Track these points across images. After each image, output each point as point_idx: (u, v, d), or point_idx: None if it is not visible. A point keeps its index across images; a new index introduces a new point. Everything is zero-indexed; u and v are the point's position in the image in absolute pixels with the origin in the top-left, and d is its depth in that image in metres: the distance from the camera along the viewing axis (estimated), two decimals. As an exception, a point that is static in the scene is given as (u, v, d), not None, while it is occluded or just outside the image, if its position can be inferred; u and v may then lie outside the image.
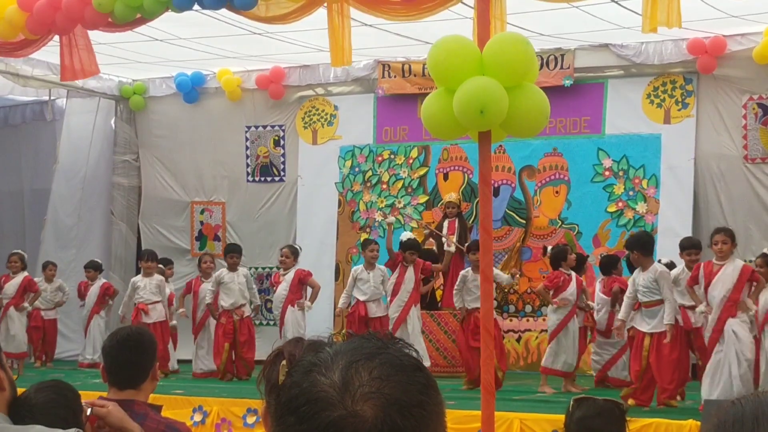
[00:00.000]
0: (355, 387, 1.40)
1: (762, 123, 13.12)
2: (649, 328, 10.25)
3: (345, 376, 1.40)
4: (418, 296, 12.46)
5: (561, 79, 13.85)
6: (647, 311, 10.29)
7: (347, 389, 1.39)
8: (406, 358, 1.45)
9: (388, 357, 1.44)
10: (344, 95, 15.55)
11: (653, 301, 10.21)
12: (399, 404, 1.40)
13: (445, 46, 5.82)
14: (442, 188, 14.72)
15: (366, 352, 1.44)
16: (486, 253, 5.90)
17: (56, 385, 3.60)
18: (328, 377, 1.41)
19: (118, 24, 10.74)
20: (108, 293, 15.00)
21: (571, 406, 4.15)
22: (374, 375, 1.41)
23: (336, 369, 1.42)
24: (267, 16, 10.54)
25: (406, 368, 1.43)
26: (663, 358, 10.18)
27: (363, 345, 1.46)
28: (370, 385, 1.40)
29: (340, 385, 1.40)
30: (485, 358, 5.87)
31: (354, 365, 1.42)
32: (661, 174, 13.62)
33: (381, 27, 12.25)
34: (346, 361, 1.42)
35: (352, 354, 1.44)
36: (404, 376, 1.42)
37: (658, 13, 9.31)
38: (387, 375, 1.41)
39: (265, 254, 15.61)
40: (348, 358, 1.43)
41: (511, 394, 10.73)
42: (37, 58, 13.91)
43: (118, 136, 16.98)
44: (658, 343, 10.21)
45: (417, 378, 1.44)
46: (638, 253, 10.39)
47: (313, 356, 1.47)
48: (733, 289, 9.65)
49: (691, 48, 13.26)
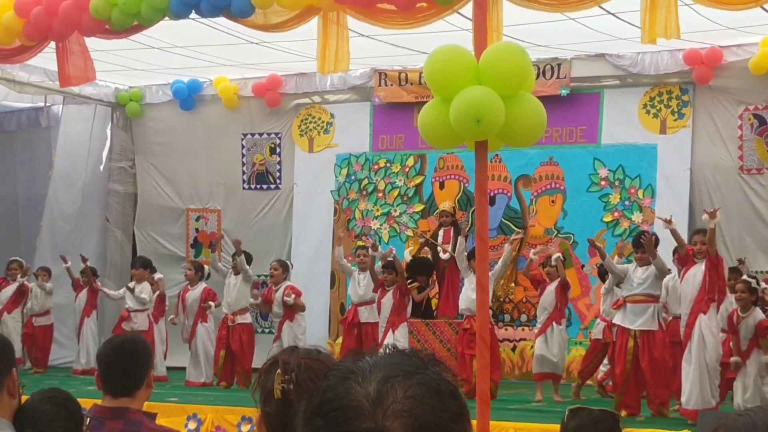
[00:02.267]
0: (388, 402, 1.39)
1: (758, 134, 13.14)
2: (636, 326, 10.11)
3: (380, 390, 1.40)
4: (397, 320, 12.34)
5: (557, 88, 13.87)
6: (634, 308, 10.13)
7: (380, 403, 1.39)
8: (444, 383, 1.45)
9: (426, 378, 1.43)
10: (340, 103, 15.55)
11: (643, 297, 10.11)
12: (427, 428, 1.39)
13: (441, 56, 5.83)
14: (438, 197, 14.73)
15: (405, 369, 1.44)
16: (482, 261, 5.90)
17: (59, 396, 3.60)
18: (363, 387, 1.41)
19: (115, 31, 10.74)
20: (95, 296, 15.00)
21: (566, 416, 4.15)
22: (409, 394, 1.40)
23: (372, 381, 1.42)
24: (264, 24, 10.55)
25: (441, 393, 1.43)
26: (655, 360, 10.08)
27: (403, 361, 1.45)
28: (403, 403, 1.39)
29: (374, 398, 1.40)
30: (481, 367, 5.86)
31: (391, 380, 1.41)
32: (657, 184, 13.64)
33: (377, 38, 12.26)
34: (384, 375, 1.42)
35: (391, 369, 1.43)
36: (438, 401, 1.42)
37: (656, 25, 9.33)
38: (421, 396, 1.41)
39: (261, 262, 15.57)
40: (386, 372, 1.43)
41: (506, 404, 10.72)
42: (34, 64, 13.91)
43: (114, 143, 16.97)
44: (648, 344, 10.10)
45: (450, 405, 1.43)
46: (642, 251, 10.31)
47: (352, 363, 1.47)
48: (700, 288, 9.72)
49: (688, 58, 13.29)
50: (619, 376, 10.13)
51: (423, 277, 13.51)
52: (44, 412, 3.41)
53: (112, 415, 3.97)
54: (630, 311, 10.16)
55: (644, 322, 10.08)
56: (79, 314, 14.98)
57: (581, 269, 13.84)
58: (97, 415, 3.92)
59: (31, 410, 3.32)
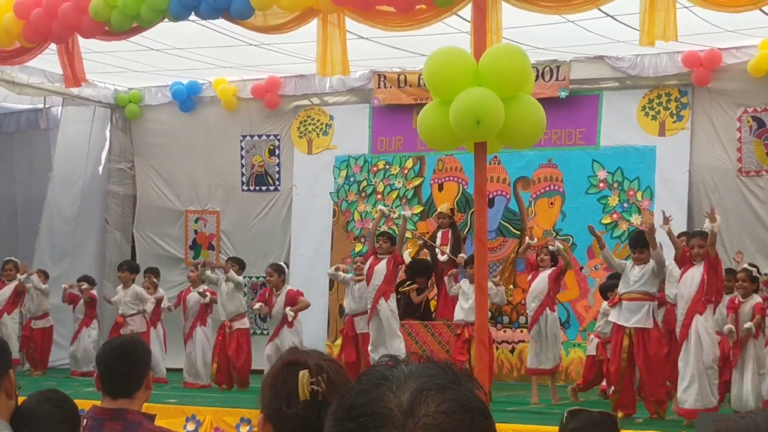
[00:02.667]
0: (419, 414, 1.39)
1: (756, 136, 13.14)
2: (631, 323, 10.08)
3: (413, 401, 1.40)
4: (388, 289, 12.25)
5: (556, 90, 13.87)
6: (630, 305, 10.09)
7: (412, 414, 1.39)
8: (476, 401, 1.45)
9: (459, 395, 1.43)
10: (340, 105, 15.56)
11: (639, 294, 10.11)
12: None
13: (441, 57, 5.84)
14: (436, 199, 14.73)
15: (439, 382, 1.43)
16: (481, 264, 5.91)
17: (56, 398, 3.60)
18: (396, 396, 1.41)
19: (115, 33, 10.75)
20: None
21: (565, 418, 4.15)
22: (441, 409, 1.40)
23: (406, 390, 1.41)
24: (263, 26, 10.56)
25: (473, 410, 1.43)
26: (650, 358, 10.06)
27: (438, 374, 1.45)
28: (434, 417, 1.39)
29: (406, 408, 1.39)
30: (479, 369, 5.87)
31: (424, 393, 1.41)
32: (656, 186, 13.65)
33: (376, 40, 12.27)
34: (417, 387, 1.42)
35: (425, 381, 1.43)
36: (468, 418, 1.42)
37: (655, 27, 9.34)
38: (453, 412, 1.41)
39: (260, 264, 15.57)
40: (420, 384, 1.42)
41: (504, 405, 10.72)
42: (33, 66, 13.92)
43: (113, 145, 16.96)
44: (644, 341, 10.10)
45: (480, 424, 1.43)
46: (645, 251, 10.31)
47: (387, 370, 1.46)
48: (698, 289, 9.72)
49: (687, 61, 13.30)
50: (614, 374, 10.12)
51: (422, 279, 13.52)
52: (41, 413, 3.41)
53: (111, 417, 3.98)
54: (625, 309, 10.14)
55: (639, 319, 10.06)
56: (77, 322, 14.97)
57: (580, 271, 13.84)
58: (96, 417, 3.92)
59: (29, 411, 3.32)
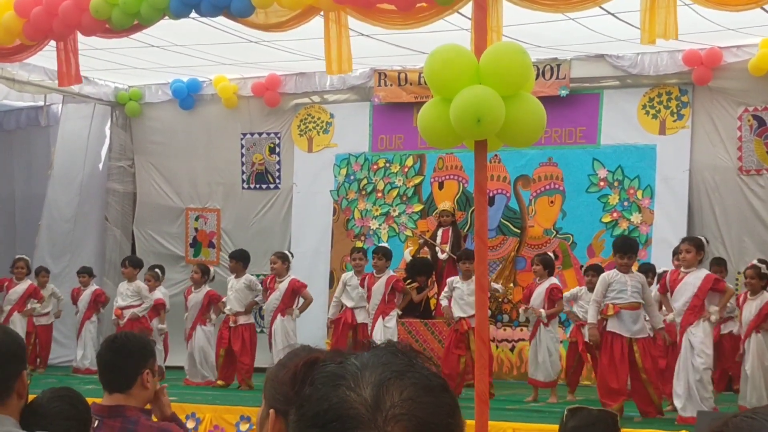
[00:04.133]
0: (386, 407, 1.39)
1: (757, 135, 13.14)
2: (632, 333, 10.07)
3: (376, 395, 1.39)
4: (386, 309, 12.31)
5: (557, 89, 13.87)
6: (630, 314, 10.06)
7: (378, 409, 1.38)
8: (434, 378, 1.45)
9: (418, 377, 1.43)
10: (340, 103, 15.55)
11: (637, 303, 10.13)
12: (428, 427, 1.40)
13: (442, 55, 5.84)
14: (437, 197, 14.73)
15: (395, 369, 1.43)
16: (481, 262, 5.91)
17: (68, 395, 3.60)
18: (358, 394, 1.40)
19: (115, 30, 10.75)
20: (100, 300, 14.99)
21: (565, 416, 4.16)
22: (405, 396, 1.40)
23: (366, 386, 1.40)
24: (264, 24, 10.55)
25: (434, 389, 1.43)
26: (656, 366, 10.15)
27: (391, 361, 1.44)
28: (401, 406, 1.39)
29: (372, 404, 1.39)
30: (479, 367, 5.87)
31: (385, 384, 1.40)
32: (656, 185, 13.65)
33: (377, 37, 12.27)
34: (376, 379, 1.41)
35: (381, 370, 1.42)
36: (433, 398, 1.42)
37: (656, 25, 9.34)
38: (417, 396, 1.41)
39: (260, 261, 15.56)
40: (378, 375, 1.42)
41: (504, 404, 10.72)
42: (34, 63, 13.91)
43: (113, 142, 16.96)
44: (650, 350, 10.14)
45: (445, 400, 1.44)
46: (634, 257, 10.34)
47: (338, 367, 1.45)
48: (693, 297, 9.67)
49: (687, 59, 13.29)
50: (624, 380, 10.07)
51: (422, 277, 13.52)
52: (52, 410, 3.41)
53: (110, 414, 3.98)
54: (627, 318, 10.10)
55: (642, 329, 10.10)
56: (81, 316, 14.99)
57: (580, 269, 13.82)
58: (96, 414, 3.92)
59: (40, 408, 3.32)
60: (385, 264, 12.53)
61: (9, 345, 2.84)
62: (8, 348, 2.81)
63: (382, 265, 12.50)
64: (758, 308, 10.25)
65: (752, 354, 10.20)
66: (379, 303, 12.25)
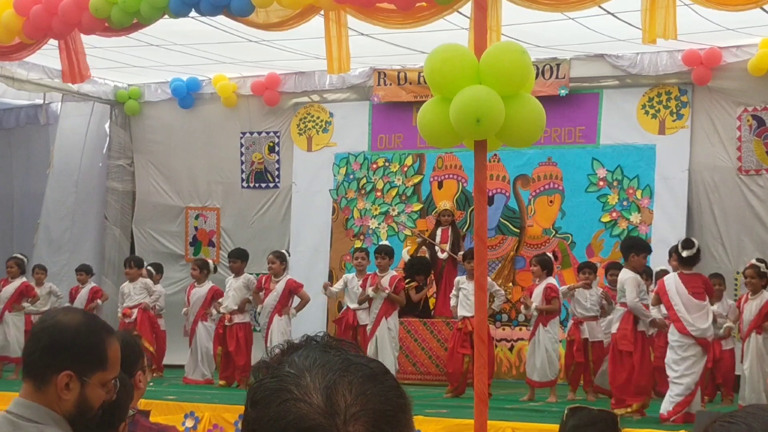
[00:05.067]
0: (342, 409, 1.37)
1: (756, 135, 13.15)
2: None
3: (328, 399, 1.38)
4: (389, 309, 12.29)
5: (556, 88, 13.87)
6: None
7: (335, 412, 1.37)
8: (373, 364, 1.44)
9: (359, 368, 1.42)
10: (339, 102, 15.55)
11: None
12: (386, 415, 1.40)
13: (442, 55, 5.83)
14: (436, 196, 14.73)
15: (336, 367, 1.41)
16: (480, 262, 5.90)
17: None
18: (309, 403, 1.37)
19: (115, 29, 10.75)
20: (96, 296, 14.93)
21: (565, 415, 4.15)
22: (355, 393, 1.39)
23: (313, 392, 1.38)
24: (264, 23, 10.56)
25: (378, 376, 1.43)
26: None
27: (327, 360, 1.42)
28: (355, 404, 1.38)
29: (327, 410, 1.37)
30: (479, 366, 5.87)
31: (331, 387, 1.38)
32: (655, 184, 13.65)
33: (377, 37, 12.27)
34: (322, 382, 1.39)
35: (323, 373, 1.40)
36: (380, 385, 1.42)
37: (656, 25, 9.34)
38: (366, 389, 1.40)
39: (259, 260, 15.56)
40: (321, 378, 1.39)
41: (503, 403, 10.72)
42: (33, 61, 13.91)
43: (112, 141, 16.95)
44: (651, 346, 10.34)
45: (390, 383, 1.43)
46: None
47: (276, 381, 1.40)
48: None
49: (687, 59, 13.29)
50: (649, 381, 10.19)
51: (421, 276, 13.51)
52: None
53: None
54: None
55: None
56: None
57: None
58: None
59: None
60: (388, 263, 12.54)
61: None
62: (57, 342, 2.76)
63: (386, 264, 12.50)
64: (758, 308, 10.27)
65: (751, 354, 10.23)
66: (382, 303, 12.25)
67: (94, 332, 2.79)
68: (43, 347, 2.73)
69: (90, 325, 2.82)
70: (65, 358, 2.71)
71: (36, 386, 2.71)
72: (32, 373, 2.74)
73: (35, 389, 2.71)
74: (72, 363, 2.71)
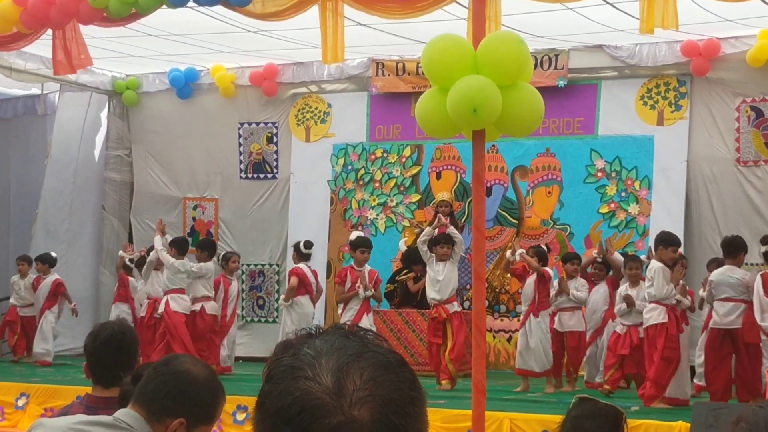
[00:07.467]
0: (349, 392, 1.39)
1: (755, 126, 13.14)
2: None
3: (338, 381, 1.39)
4: (369, 305, 12.36)
5: (555, 79, 13.85)
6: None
7: (342, 394, 1.38)
8: (390, 354, 1.45)
9: (374, 356, 1.43)
10: (338, 93, 15.52)
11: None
12: (394, 404, 1.40)
13: (439, 45, 5.82)
14: (434, 187, 14.72)
15: (351, 352, 1.42)
16: (479, 251, 5.90)
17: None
18: (318, 383, 1.39)
19: (113, 19, 10.73)
20: (59, 291, 14.73)
21: (573, 404, 4.14)
22: (366, 377, 1.40)
23: (325, 373, 1.40)
24: (261, 13, 10.54)
25: (392, 366, 1.43)
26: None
27: (345, 345, 1.44)
28: (364, 388, 1.39)
29: (335, 391, 1.39)
30: (476, 357, 5.87)
31: (343, 369, 1.40)
32: (654, 175, 13.64)
33: (375, 27, 12.24)
34: (335, 364, 1.41)
35: (337, 356, 1.42)
36: (393, 375, 1.42)
37: (654, 15, 9.33)
38: (377, 376, 1.41)
39: (258, 251, 15.60)
40: (335, 361, 1.41)
41: (501, 394, 10.73)
42: (30, 51, 13.88)
43: (110, 131, 16.93)
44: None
45: (404, 374, 1.44)
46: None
47: (293, 359, 1.43)
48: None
49: (685, 50, 13.28)
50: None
51: (419, 267, 13.51)
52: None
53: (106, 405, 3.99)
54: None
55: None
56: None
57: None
58: (90, 405, 3.93)
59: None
60: (368, 257, 12.59)
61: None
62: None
63: (364, 258, 12.55)
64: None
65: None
66: (363, 299, 12.27)
67: (216, 391, 3.07)
68: (169, 392, 3.00)
69: (214, 382, 3.09)
70: (186, 408, 2.99)
71: (147, 417, 2.98)
72: (149, 408, 3.00)
73: (147, 419, 2.99)
74: (189, 414, 2.99)
